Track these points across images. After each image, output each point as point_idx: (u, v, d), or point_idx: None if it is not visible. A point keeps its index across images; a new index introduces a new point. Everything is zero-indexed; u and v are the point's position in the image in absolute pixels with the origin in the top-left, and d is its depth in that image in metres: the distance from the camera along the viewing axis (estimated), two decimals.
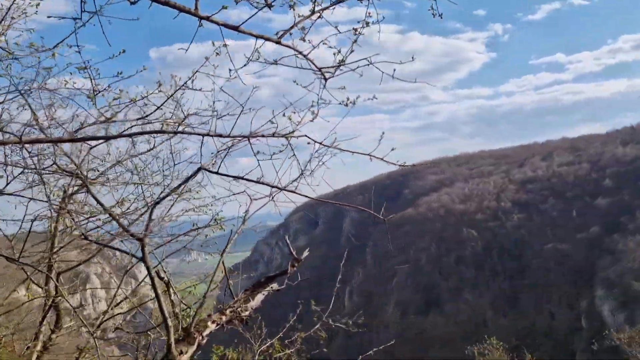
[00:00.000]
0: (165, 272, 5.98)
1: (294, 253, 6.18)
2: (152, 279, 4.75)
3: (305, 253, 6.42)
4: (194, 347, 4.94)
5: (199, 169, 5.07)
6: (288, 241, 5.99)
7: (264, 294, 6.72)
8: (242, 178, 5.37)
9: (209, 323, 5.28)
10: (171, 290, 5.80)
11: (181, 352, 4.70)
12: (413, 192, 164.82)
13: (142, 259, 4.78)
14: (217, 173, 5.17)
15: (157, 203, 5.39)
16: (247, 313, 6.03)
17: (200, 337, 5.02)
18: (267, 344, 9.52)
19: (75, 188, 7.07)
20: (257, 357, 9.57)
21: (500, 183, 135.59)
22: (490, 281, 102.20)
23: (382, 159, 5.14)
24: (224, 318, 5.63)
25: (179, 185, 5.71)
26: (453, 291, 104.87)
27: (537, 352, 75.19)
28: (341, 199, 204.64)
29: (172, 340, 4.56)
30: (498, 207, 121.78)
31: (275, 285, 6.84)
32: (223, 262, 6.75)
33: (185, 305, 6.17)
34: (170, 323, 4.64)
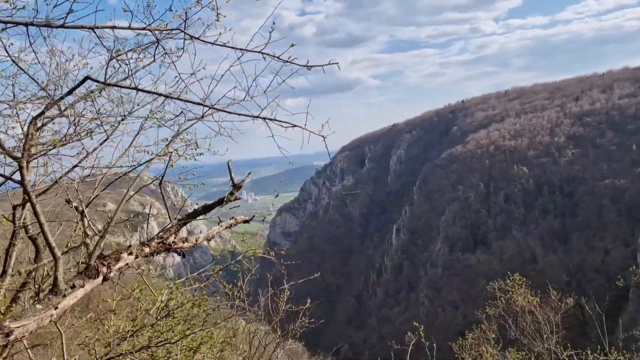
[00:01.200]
0: (80, 199, 5.50)
1: (233, 179, 5.60)
2: (33, 205, 4.25)
3: (247, 179, 5.91)
4: (97, 281, 4.50)
5: (85, 79, 4.48)
6: (230, 166, 5.40)
7: (223, 227, 6.22)
8: (143, 90, 4.86)
9: (124, 255, 4.81)
10: (85, 219, 5.39)
11: (74, 286, 4.29)
12: (462, 129, 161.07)
13: (21, 182, 4.42)
14: (104, 83, 4.62)
15: (36, 118, 4.71)
16: (185, 245, 5.53)
17: (107, 270, 4.56)
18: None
19: None
20: None
21: (554, 117, 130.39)
22: (540, 219, 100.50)
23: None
24: (147, 250, 5.14)
25: (62, 97, 4.92)
26: (501, 229, 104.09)
27: (588, 287, 74.68)
28: (390, 135, 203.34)
29: (60, 272, 4.24)
30: (551, 142, 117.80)
31: (242, 217, 6.31)
32: (162, 192, 6.23)
33: (97, 233, 5.34)
34: (58, 254, 4.33)
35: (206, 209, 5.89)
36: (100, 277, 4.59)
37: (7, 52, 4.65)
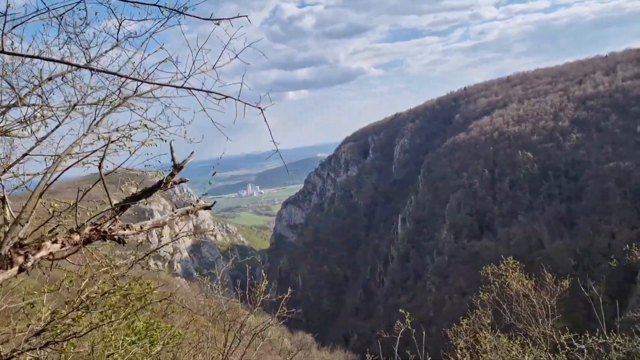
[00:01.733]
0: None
1: (175, 159, 5.32)
2: None
3: (189, 159, 5.56)
4: (10, 272, 4.11)
5: None
6: (172, 146, 5.31)
7: (177, 214, 5.92)
8: (33, 57, 4.57)
9: (47, 243, 4.35)
10: (7, 208, 4.91)
11: None
12: (464, 116, 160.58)
13: None
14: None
15: None
16: (127, 232, 5.12)
17: (24, 260, 4.15)
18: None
19: None
20: None
21: (557, 102, 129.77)
22: (545, 204, 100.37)
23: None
24: (76, 237, 4.61)
25: None
26: (507, 215, 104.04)
27: (595, 271, 74.79)
28: (393, 125, 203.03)
29: None
30: (555, 126, 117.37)
31: (201, 202, 6.15)
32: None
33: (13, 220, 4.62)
34: None
35: (146, 193, 5.60)
36: (15, 268, 4.14)
37: None
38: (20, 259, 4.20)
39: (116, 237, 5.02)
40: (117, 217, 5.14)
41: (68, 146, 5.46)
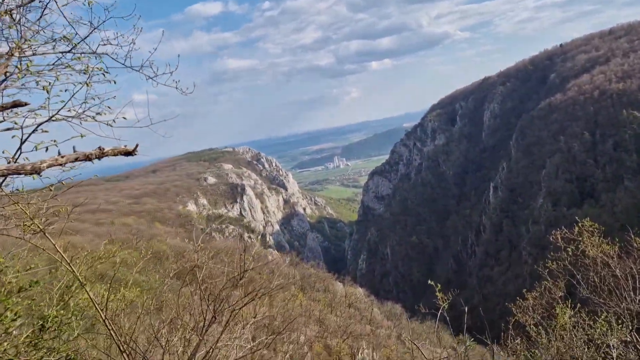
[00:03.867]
0: None
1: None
2: None
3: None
4: None
5: None
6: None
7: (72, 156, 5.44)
8: None
9: None
10: None
11: None
12: (561, 76, 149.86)
13: None
14: None
15: None
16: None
17: None
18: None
19: None
20: None
21: None
22: None
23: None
24: None
25: None
26: (611, 180, 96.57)
27: None
28: (481, 90, 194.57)
29: None
30: None
31: (121, 147, 5.63)
32: None
33: None
34: None
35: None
36: None
37: None
38: None
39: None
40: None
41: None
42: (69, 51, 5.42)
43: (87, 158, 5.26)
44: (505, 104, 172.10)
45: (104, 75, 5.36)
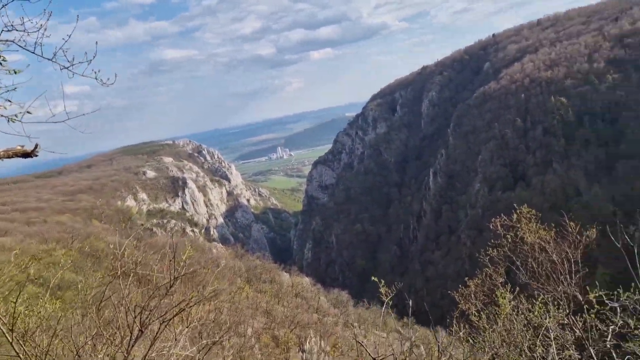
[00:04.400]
0: None
1: None
2: None
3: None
4: None
5: None
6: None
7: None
8: None
9: None
10: None
11: None
12: (494, 65, 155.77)
13: None
14: None
15: None
16: None
17: None
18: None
19: None
20: None
21: (592, 42, 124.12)
22: (582, 150, 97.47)
23: None
24: None
25: None
26: (541, 164, 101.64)
27: (637, 217, 72.85)
28: (420, 79, 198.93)
29: None
30: (590, 69, 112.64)
31: (18, 148, 5.61)
32: None
33: None
34: None
35: None
36: None
37: None
38: None
39: None
40: None
41: None
42: None
43: None
44: (442, 93, 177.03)
45: (0, 64, 4.84)
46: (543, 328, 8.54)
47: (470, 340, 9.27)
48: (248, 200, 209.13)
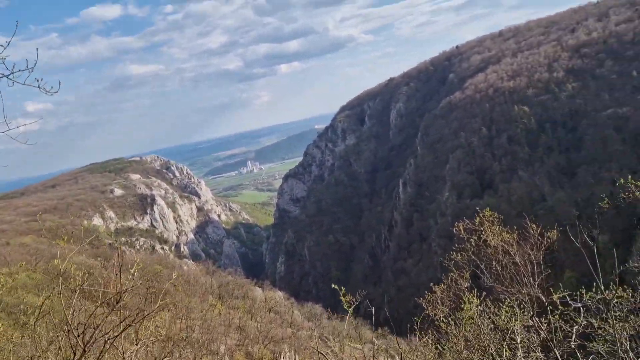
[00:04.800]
0: None
1: None
2: None
3: None
4: None
5: None
6: None
7: None
8: None
9: None
10: None
11: None
12: (458, 76, 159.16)
13: None
14: None
15: None
16: None
17: None
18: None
19: None
20: None
21: (551, 52, 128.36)
22: (545, 157, 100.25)
23: None
24: None
25: None
26: (506, 171, 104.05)
27: (600, 220, 75.06)
28: (387, 90, 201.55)
29: None
30: (550, 78, 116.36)
31: None
32: None
33: None
34: None
35: None
36: None
37: None
38: None
39: None
40: None
41: None
42: None
43: None
44: (409, 104, 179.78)
45: None
46: (509, 331, 8.61)
47: (439, 347, 9.30)
48: (219, 216, 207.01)
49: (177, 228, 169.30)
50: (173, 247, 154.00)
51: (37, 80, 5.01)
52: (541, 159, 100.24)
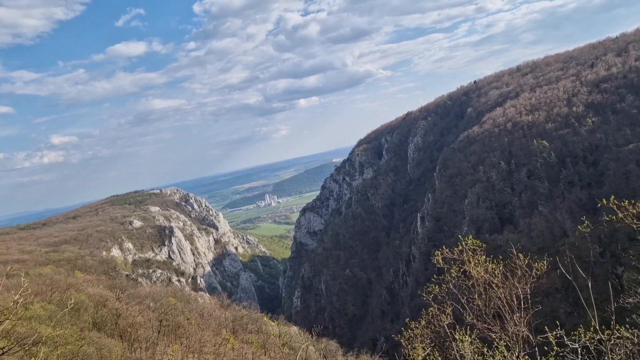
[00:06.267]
0: None
1: None
2: None
3: None
4: None
5: None
6: None
7: None
8: None
9: None
10: None
11: None
12: (476, 110, 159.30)
13: None
14: None
15: None
16: None
17: None
18: None
19: None
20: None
21: (570, 87, 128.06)
22: (565, 192, 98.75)
23: None
24: None
25: None
26: (526, 206, 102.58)
27: (622, 257, 73.18)
28: (405, 124, 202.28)
29: None
30: (570, 112, 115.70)
31: None
32: None
33: None
34: None
35: None
36: None
37: None
38: None
39: None
40: None
41: None
42: None
43: None
44: (427, 138, 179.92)
45: None
46: None
47: None
48: (236, 248, 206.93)
49: (194, 260, 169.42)
50: (190, 280, 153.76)
51: None
52: (562, 194, 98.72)
